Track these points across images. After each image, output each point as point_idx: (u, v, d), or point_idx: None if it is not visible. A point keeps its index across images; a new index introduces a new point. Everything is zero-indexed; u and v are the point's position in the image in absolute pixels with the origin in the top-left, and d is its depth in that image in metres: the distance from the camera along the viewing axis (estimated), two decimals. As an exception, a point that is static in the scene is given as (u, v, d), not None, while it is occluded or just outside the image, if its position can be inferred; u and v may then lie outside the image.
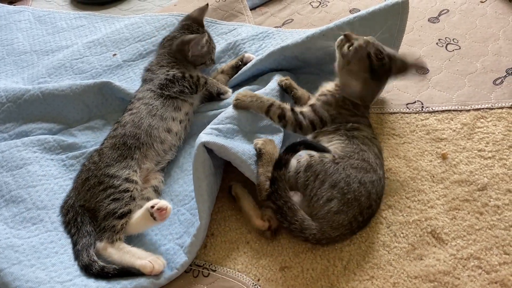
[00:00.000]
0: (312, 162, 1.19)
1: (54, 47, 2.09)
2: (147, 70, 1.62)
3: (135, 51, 1.94)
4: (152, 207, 1.21)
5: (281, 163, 1.19)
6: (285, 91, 1.52)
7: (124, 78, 1.82)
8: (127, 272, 1.18)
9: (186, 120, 1.52)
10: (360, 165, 1.21)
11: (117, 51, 1.96)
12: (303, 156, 1.23)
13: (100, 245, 1.23)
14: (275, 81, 1.54)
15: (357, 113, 1.35)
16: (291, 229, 1.17)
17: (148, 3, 2.39)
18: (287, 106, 1.36)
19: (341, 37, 1.38)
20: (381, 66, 1.30)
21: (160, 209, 1.20)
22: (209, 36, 1.69)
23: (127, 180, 1.31)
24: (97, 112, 1.68)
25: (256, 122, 1.41)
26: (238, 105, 1.40)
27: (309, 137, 1.37)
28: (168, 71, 1.55)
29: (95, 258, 1.21)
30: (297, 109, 1.36)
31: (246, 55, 1.71)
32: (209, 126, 1.35)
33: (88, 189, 1.32)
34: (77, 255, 1.24)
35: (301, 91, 1.51)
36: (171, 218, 1.32)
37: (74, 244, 1.27)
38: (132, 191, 1.30)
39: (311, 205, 1.18)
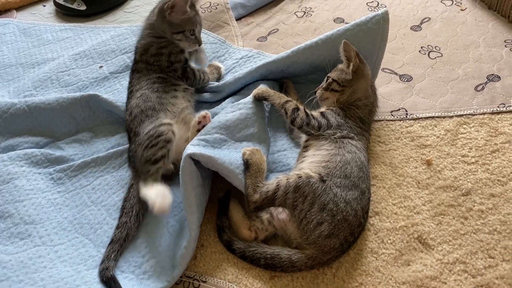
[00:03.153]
0: (300, 183, 1.20)
1: (40, 59, 2.08)
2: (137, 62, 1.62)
3: (121, 63, 1.94)
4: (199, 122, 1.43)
5: (221, 210, 1.30)
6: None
7: (111, 90, 1.82)
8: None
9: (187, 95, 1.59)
10: (343, 183, 1.22)
11: (103, 63, 1.96)
12: (291, 175, 1.24)
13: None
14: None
15: (361, 127, 1.40)
16: (284, 270, 1.19)
17: (133, 15, 2.40)
18: (301, 106, 1.42)
19: (320, 92, 1.49)
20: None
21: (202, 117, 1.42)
22: (196, 11, 1.64)
23: (161, 125, 1.38)
24: (85, 125, 1.68)
25: (243, 130, 1.41)
26: (260, 95, 1.47)
27: (304, 138, 1.42)
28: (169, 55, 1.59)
29: (112, 272, 1.23)
30: (308, 111, 1.41)
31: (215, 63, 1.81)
32: (196, 137, 1.36)
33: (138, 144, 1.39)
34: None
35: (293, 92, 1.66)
36: (160, 231, 1.32)
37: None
38: (166, 134, 1.36)
39: (301, 228, 1.18)
